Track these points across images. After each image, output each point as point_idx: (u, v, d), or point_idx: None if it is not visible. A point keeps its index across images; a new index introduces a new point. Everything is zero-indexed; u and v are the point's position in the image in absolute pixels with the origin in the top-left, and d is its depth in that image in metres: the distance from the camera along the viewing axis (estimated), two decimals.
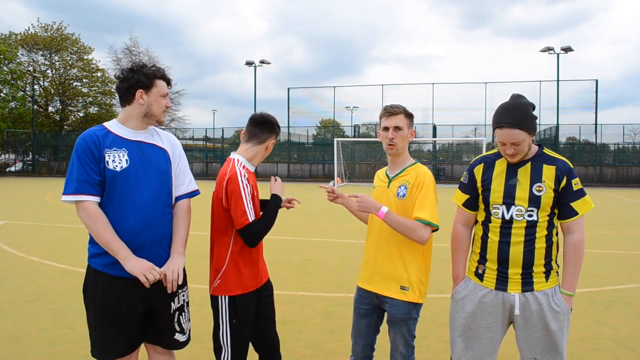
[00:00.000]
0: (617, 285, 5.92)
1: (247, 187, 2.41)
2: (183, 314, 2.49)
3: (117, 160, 2.29)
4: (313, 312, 4.84)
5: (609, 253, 8.02)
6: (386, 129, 2.58)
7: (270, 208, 2.55)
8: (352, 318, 2.78)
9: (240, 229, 2.39)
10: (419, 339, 4.14)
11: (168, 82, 2.45)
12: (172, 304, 2.42)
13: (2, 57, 36.91)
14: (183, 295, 2.49)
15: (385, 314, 2.65)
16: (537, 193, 2.25)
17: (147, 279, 2.21)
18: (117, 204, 2.28)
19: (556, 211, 2.31)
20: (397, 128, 2.56)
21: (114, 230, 2.25)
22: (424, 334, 4.23)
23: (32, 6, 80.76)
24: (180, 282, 2.34)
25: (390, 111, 2.59)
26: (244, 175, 2.45)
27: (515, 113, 2.21)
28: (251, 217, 2.39)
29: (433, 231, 2.46)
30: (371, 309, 2.67)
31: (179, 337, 2.47)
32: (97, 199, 2.26)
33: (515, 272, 2.28)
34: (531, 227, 2.26)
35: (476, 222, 2.46)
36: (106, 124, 2.41)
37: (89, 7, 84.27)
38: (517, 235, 2.26)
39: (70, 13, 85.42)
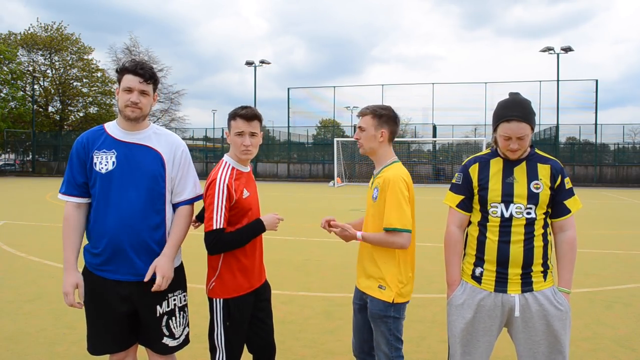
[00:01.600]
0: (617, 285, 5.91)
1: (223, 193, 2.36)
2: (174, 318, 2.42)
3: (103, 162, 2.29)
4: (313, 312, 4.84)
5: (609, 253, 8.01)
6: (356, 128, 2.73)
7: (245, 229, 2.45)
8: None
9: (205, 232, 2.39)
10: (418, 339, 4.15)
11: (142, 75, 2.30)
12: (158, 307, 2.37)
13: (2, 57, 36.90)
14: (174, 300, 2.43)
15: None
16: (535, 190, 2.26)
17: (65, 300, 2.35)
18: (102, 206, 2.30)
19: (549, 210, 2.31)
20: (360, 128, 2.67)
21: (98, 231, 2.31)
22: (424, 334, 4.23)
23: (33, 6, 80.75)
24: (164, 287, 2.32)
25: (360, 112, 2.71)
26: (224, 181, 2.40)
27: (521, 107, 2.24)
28: (217, 225, 2.34)
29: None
30: (363, 305, 2.71)
31: (168, 341, 2.40)
32: (78, 200, 2.35)
33: (515, 272, 2.26)
34: (530, 224, 2.26)
35: (469, 223, 2.43)
36: (106, 124, 2.40)
37: (91, 7, 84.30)
38: (517, 234, 2.26)
39: (71, 13, 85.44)
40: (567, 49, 29.91)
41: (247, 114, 2.48)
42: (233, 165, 2.53)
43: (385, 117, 2.63)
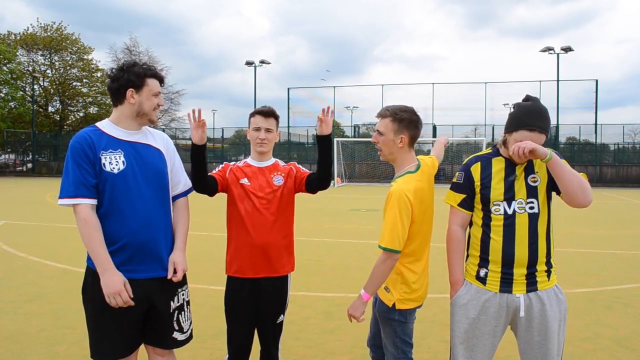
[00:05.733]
0: (617, 285, 5.91)
1: (222, 165, 2.84)
2: (182, 312, 2.49)
3: (113, 162, 2.28)
4: (313, 312, 4.83)
5: (609, 253, 8.01)
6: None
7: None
8: None
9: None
10: (418, 339, 4.14)
11: (161, 80, 2.42)
12: (172, 302, 2.43)
13: (1, 57, 36.89)
14: (183, 295, 2.50)
15: None
16: (532, 184, 2.26)
17: (111, 302, 2.21)
18: (117, 206, 2.28)
19: (552, 199, 2.31)
20: (379, 132, 2.48)
21: (115, 232, 2.27)
22: (424, 334, 4.23)
23: (36, 5, 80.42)
24: (180, 278, 2.42)
25: (379, 114, 2.50)
26: (230, 163, 2.84)
27: (545, 118, 2.18)
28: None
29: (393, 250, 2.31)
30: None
31: (178, 335, 2.47)
32: (92, 201, 2.25)
33: (520, 272, 2.25)
34: (533, 220, 2.25)
35: (471, 224, 2.42)
36: (99, 125, 2.37)
37: (93, 7, 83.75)
38: (520, 232, 2.24)
39: (74, 13, 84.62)
40: (567, 49, 29.90)
41: (264, 111, 2.76)
42: (247, 160, 2.84)
43: (407, 121, 2.43)
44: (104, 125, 2.37)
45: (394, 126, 2.43)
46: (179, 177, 2.55)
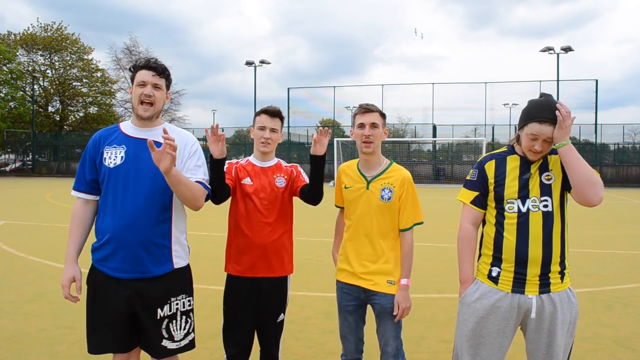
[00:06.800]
0: (617, 285, 5.92)
1: (226, 166, 2.72)
2: (174, 321, 2.40)
3: (112, 157, 2.32)
4: (313, 312, 4.84)
5: (609, 253, 8.02)
6: (362, 126, 2.59)
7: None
8: (338, 317, 2.78)
9: None
10: (418, 338, 4.15)
11: (155, 69, 2.33)
12: (159, 310, 2.34)
13: (1, 57, 36.90)
14: (177, 304, 2.41)
15: (372, 308, 2.66)
16: (546, 182, 2.25)
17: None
18: (110, 200, 2.31)
19: (567, 199, 2.30)
20: (373, 125, 2.58)
21: (104, 226, 2.31)
22: (424, 334, 4.23)
23: (36, 5, 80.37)
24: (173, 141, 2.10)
25: (366, 108, 2.62)
26: (233, 162, 2.79)
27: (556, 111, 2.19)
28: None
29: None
30: (357, 305, 2.68)
31: (168, 344, 2.37)
32: (87, 196, 2.39)
33: (534, 272, 2.23)
34: (547, 219, 2.23)
35: (484, 222, 2.40)
36: (121, 123, 2.46)
37: (93, 7, 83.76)
38: (534, 230, 2.23)
39: (74, 13, 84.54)
40: (567, 49, 29.93)
41: (271, 110, 2.73)
42: (250, 159, 2.83)
43: (386, 117, 2.69)
44: (125, 122, 2.44)
45: (382, 120, 2.64)
46: (194, 172, 2.41)
